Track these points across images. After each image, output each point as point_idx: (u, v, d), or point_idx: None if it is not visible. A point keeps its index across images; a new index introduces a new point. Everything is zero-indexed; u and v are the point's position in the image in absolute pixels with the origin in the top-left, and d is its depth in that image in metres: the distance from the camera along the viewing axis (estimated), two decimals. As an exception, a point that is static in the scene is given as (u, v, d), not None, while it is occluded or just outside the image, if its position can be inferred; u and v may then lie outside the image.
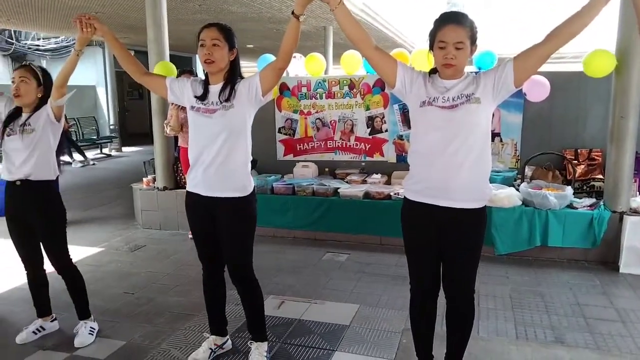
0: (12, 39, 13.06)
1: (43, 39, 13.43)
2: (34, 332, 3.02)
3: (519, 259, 4.30)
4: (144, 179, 5.77)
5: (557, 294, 3.61)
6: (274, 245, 4.83)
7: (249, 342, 2.74)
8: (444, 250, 2.25)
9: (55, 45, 13.40)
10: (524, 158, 4.91)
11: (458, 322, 2.36)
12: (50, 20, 10.01)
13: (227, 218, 2.51)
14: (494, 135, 5.01)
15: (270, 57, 5.57)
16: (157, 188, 5.56)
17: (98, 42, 13.42)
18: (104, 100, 13.77)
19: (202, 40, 2.41)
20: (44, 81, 2.85)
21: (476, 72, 2.23)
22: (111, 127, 13.66)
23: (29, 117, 2.80)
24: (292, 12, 2.32)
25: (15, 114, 2.86)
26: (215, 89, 2.46)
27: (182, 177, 5.32)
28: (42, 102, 2.84)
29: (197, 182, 2.52)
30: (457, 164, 2.11)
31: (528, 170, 4.83)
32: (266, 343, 2.73)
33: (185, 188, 2.65)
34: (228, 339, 2.86)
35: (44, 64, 13.31)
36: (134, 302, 3.58)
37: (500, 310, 3.36)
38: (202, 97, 2.47)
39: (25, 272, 3.02)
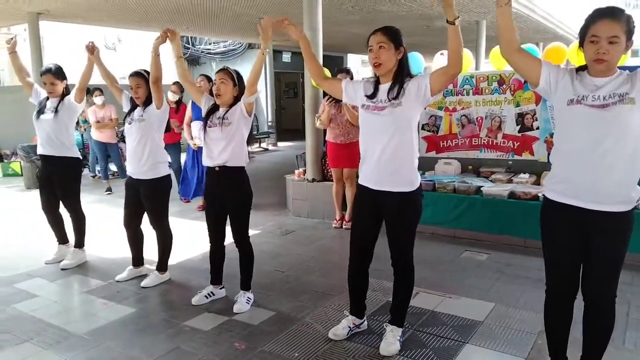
0: (189, 44, 14.89)
1: (213, 43, 15.06)
2: (206, 296, 3.56)
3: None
4: (296, 171, 6.29)
5: None
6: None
7: (385, 324, 2.93)
8: (585, 253, 2.19)
9: (223, 49, 14.96)
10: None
11: (596, 327, 2.29)
12: (220, 26, 11.25)
13: (394, 211, 2.68)
14: None
15: (418, 56, 5.69)
16: (307, 180, 6.02)
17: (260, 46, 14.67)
18: (263, 99, 15.01)
19: (370, 46, 2.62)
20: (239, 82, 3.37)
21: (630, 70, 2.12)
22: (269, 123, 14.85)
23: (226, 112, 3.31)
24: (447, 21, 2.40)
25: (213, 109, 3.40)
26: (384, 87, 2.65)
27: (329, 170, 5.70)
28: (236, 99, 3.34)
29: (367, 176, 2.73)
30: (605, 166, 2.05)
31: None
32: (401, 329, 2.89)
33: (331, 180, 2.92)
34: (365, 320, 3.08)
35: (214, 65, 14.96)
36: (284, 279, 4.01)
37: (656, 324, 3.10)
38: (372, 96, 2.68)
39: (210, 244, 3.55)
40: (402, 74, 2.62)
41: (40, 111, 4.22)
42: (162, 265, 3.98)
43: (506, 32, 2.20)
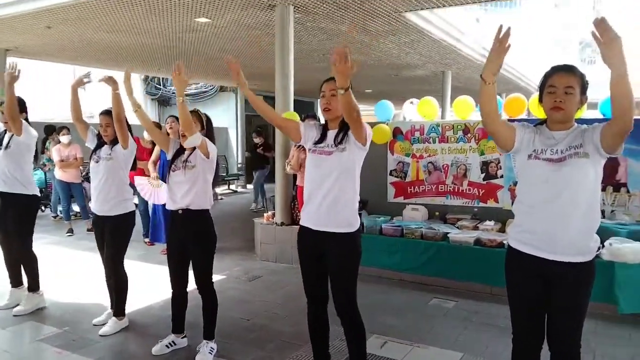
0: (160, 85, 14.92)
1: (185, 85, 15.09)
2: (167, 345, 3.42)
3: (647, 321, 3.94)
4: (265, 214, 6.24)
5: (690, 364, 3.27)
6: (380, 285, 4.93)
7: (350, 376, 2.86)
8: (549, 304, 2.23)
9: (195, 91, 15.02)
10: (653, 211, 4.54)
11: None
12: (192, 69, 11.32)
13: (334, 252, 2.69)
14: (620, 185, 4.70)
15: (388, 104, 5.84)
16: (276, 223, 5.98)
17: (232, 89, 14.81)
18: (234, 141, 15.03)
19: (323, 92, 2.70)
20: (206, 125, 3.37)
21: (584, 124, 2.22)
22: (239, 165, 14.82)
23: (190, 155, 3.29)
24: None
25: (179, 152, 3.36)
26: (332, 133, 2.72)
27: (298, 214, 5.68)
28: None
29: (309, 217, 2.76)
30: (563, 218, 2.12)
31: (660, 225, 4.44)
32: (366, 380, 2.82)
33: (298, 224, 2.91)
34: (331, 371, 3.00)
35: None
36: (249, 327, 3.90)
37: (619, 375, 3.12)
38: (320, 140, 2.74)
39: (172, 289, 3.44)
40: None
41: None
42: (118, 311, 3.82)
43: (487, 105, 2.22)
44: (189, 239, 3.29)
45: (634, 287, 3.96)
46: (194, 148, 3.27)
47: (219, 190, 12.80)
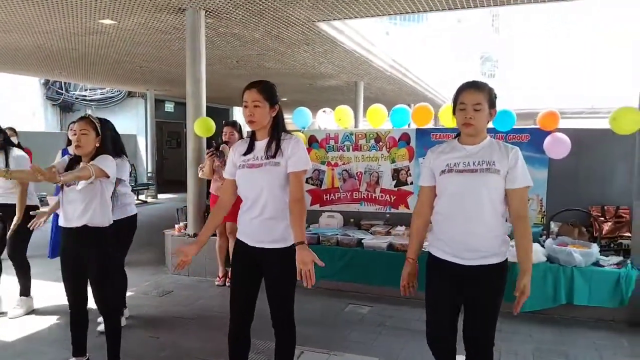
0: (62, 90, 13.95)
1: (90, 89, 14.28)
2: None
3: (544, 317, 4.22)
4: (176, 226, 5.98)
5: (582, 355, 3.53)
6: (296, 294, 4.83)
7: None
8: (464, 305, 2.41)
9: (100, 96, 14.22)
10: (549, 214, 4.90)
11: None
12: (97, 74, 10.72)
13: (272, 268, 2.61)
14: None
15: (305, 111, 5.84)
16: (188, 235, 5.75)
17: (141, 94, 14.19)
18: (143, 149, 14.37)
19: (245, 102, 2.58)
20: (102, 131, 3.06)
21: (503, 141, 2.42)
22: (149, 174, 14.17)
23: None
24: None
25: (73, 161, 3.08)
26: (261, 144, 2.61)
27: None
28: (99, 151, 3.03)
29: (243, 232, 2.66)
30: (472, 225, 2.31)
31: (554, 227, 4.81)
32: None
33: (215, 235, 2.78)
34: (246, 386, 2.90)
35: (89, 113, 14.10)
36: (159, 346, 3.68)
37: (521, 369, 3.31)
38: (248, 152, 2.63)
39: (70, 311, 3.15)
40: (277, 130, 2.61)
41: None
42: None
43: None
44: (86, 257, 3.03)
45: (533, 286, 4.20)
46: (94, 157, 3.02)
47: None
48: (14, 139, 6.53)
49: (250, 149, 2.64)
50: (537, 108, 5.24)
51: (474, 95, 2.30)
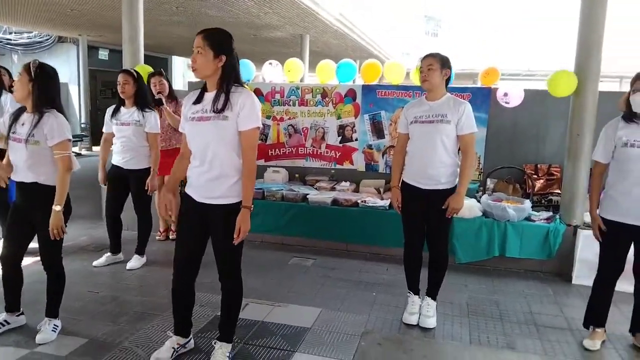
0: (-17, 31, 12.80)
1: (15, 32, 13.18)
2: None
3: (478, 268, 4.46)
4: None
5: (511, 303, 3.77)
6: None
7: (213, 342, 2.78)
8: (427, 218, 3.24)
9: (27, 40, 13.20)
10: (486, 171, 5.10)
11: (436, 268, 3.33)
12: (23, 15, 9.88)
13: (218, 223, 2.56)
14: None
15: (249, 64, 5.65)
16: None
17: (72, 39, 13.27)
18: (76, 99, 13.57)
19: (193, 48, 2.47)
20: (38, 76, 2.82)
21: (458, 97, 3.26)
22: (82, 125, 13.46)
23: (34, 128, 2.80)
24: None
25: (18, 116, 2.89)
26: (209, 95, 2.50)
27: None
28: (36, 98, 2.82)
29: (191, 186, 2.61)
30: (432, 160, 3.12)
31: (490, 183, 5.02)
32: (231, 345, 2.78)
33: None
34: (191, 338, 2.90)
35: (15, 58, 13.10)
36: (98, 300, 3.60)
37: (456, 317, 3.49)
38: (197, 102, 2.52)
39: (0, 261, 3.00)
40: (225, 83, 2.49)
41: None
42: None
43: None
44: (35, 211, 2.90)
45: (469, 240, 4.45)
46: (38, 119, 2.82)
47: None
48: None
49: (199, 99, 2.54)
50: (477, 69, 5.36)
51: (428, 59, 3.12)
